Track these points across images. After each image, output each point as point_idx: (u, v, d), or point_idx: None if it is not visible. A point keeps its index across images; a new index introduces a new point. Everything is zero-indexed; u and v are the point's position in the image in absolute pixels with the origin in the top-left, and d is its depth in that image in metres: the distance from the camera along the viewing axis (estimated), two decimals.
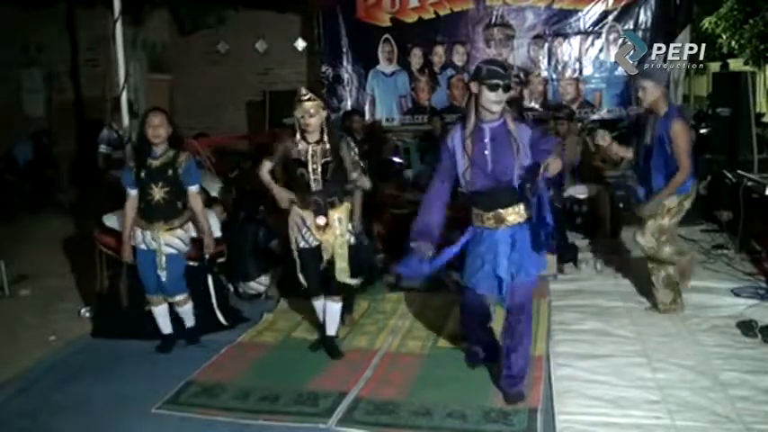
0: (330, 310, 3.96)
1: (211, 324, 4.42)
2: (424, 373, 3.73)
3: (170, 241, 3.97)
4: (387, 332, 4.34)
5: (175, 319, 4.21)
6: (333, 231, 3.80)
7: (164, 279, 3.99)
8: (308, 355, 4.00)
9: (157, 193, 3.90)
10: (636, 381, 3.47)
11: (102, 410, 3.41)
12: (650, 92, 4.10)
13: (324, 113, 3.75)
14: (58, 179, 9.20)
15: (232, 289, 5.00)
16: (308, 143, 3.74)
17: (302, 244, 3.87)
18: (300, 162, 3.75)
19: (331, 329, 3.99)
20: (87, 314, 4.76)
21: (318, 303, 4.01)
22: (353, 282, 3.95)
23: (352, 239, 3.90)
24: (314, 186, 3.76)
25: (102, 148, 6.24)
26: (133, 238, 4.01)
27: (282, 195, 3.83)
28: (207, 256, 4.37)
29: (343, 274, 3.83)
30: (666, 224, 4.24)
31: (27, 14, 9.19)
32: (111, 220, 4.51)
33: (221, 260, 4.61)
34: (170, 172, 3.92)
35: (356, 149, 4.09)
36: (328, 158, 3.74)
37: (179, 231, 4.02)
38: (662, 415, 3.11)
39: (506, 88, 3.12)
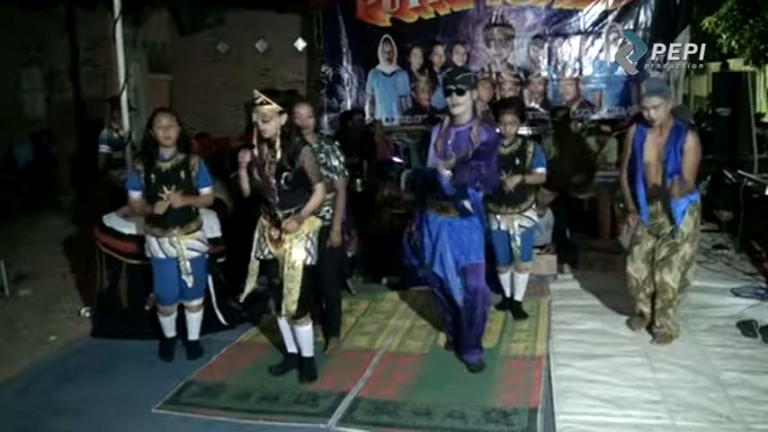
0: (297, 332, 3.62)
1: (211, 324, 4.42)
2: (424, 373, 3.73)
3: (191, 244, 3.89)
4: (387, 332, 4.35)
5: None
6: (285, 246, 3.47)
7: (190, 285, 3.90)
8: None
9: None
10: (636, 381, 3.47)
11: (102, 410, 3.41)
12: (663, 109, 3.74)
13: (282, 119, 3.39)
14: (58, 179, 9.20)
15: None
16: (268, 148, 3.47)
17: (257, 254, 3.60)
18: (259, 170, 3.48)
19: (305, 351, 3.67)
20: (87, 314, 4.76)
21: (281, 322, 3.68)
22: (292, 310, 3.48)
23: (309, 260, 3.51)
24: (268, 195, 3.47)
25: (103, 148, 6.24)
26: (147, 248, 3.90)
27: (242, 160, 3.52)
28: (207, 256, 4.36)
29: (288, 297, 3.46)
30: (690, 252, 3.91)
31: (27, 14, 9.18)
32: (111, 220, 4.51)
33: (221, 260, 4.60)
34: (183, 175, 3.81)
35: (339, 158, 3.90)
36: (285, 166, 3.40)
37: (198, 233, 3.95)
38: (662, 415, 3.11)
39: (459, 92, 3.43)
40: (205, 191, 3.93)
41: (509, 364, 3.79)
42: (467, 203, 3.52)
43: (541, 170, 4.40)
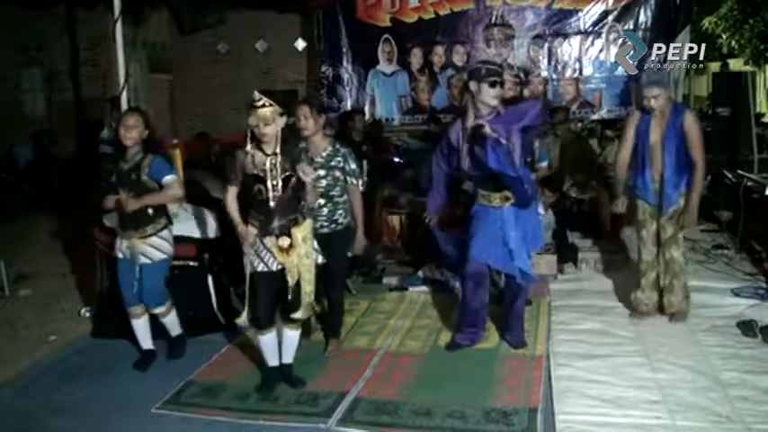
0: (287, 338, 3.56)
1: (211, 324, 4.42)
2: (424, 373, 3.73)
3: (144, 250, 3.75)
4: (387, 332, 4.34)
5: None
6: (297, 252, 3.37)
7: (135, 291, 3.78)
8: (308, 354, 3.97)
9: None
10: (636, 381, 3.46)
11: (102, 410, 3.41)
12: (663, 98, 3.98)
13: (282, 121, 3.28)
14: (58, 179, 9.20)
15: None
16: (266, 155, 3.29)
17: (260, 267, 3.39)
18: (257, 177, 3.32)
19: (288, 357, 3.60)
20: (87, 314, 4.76)
21: (266, 338, 3.50)
22: (317, 308, 3.59)
23: (320, 259, 3.50)
24: (273, 203, 3.32)
25: (103, 149, 6.24)
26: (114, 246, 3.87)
27: (248, 238, 3.40)
28: (207, 256, 4.34)
29: (308, 299, 3.43)
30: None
31: (27, 14, 9.19)
32: (111, 220, 4.50)
33: (221, 260, 4.60)
34: (134, 176, 3.68)
35: (356, 161, 3.85)
36: (288, 171, 3.29)
37: (154, 239, 3.77)
38: (662, 415, 3.11)
39: (502, 84, 3.63)
40: (167, 179, 3.72)
41: (509, 365, 3.79)
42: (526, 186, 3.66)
43: (545, 164, 4.75)
